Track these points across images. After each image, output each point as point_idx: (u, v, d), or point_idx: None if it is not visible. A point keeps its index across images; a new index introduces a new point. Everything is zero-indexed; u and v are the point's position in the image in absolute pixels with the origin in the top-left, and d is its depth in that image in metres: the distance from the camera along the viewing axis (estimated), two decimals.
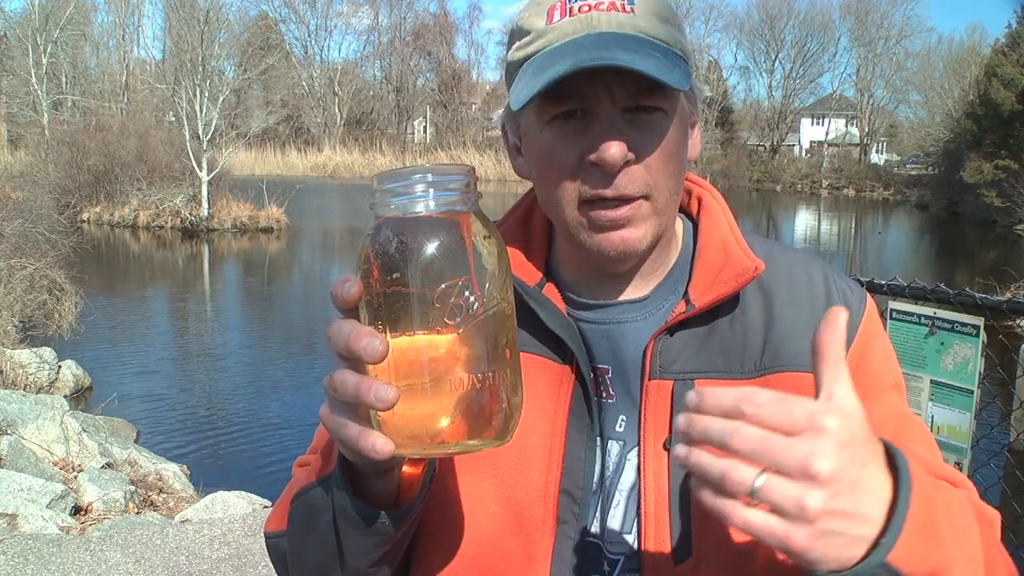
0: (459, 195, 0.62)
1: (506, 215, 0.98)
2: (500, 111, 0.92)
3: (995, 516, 0.83)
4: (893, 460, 0.63)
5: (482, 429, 0.61)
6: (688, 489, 0.82)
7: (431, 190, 0.61)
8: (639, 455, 0.85)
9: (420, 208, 0.60)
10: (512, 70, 0.85)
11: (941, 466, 0.86)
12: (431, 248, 0.59)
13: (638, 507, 0.84)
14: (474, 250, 0.61)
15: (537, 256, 0.93)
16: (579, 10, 0.81)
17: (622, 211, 0.81)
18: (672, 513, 0.82)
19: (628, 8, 0.81)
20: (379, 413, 0.61)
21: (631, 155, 0.79)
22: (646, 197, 0.81)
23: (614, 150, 0.77)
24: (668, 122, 0.81)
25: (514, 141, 0.91)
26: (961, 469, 2.47)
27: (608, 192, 0.80)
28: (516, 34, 0.86)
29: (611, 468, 0.86)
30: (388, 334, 0.60)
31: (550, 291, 0.90)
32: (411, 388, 0.59)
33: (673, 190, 0.85)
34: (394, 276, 0.59)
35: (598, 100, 0.79)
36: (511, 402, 0.63)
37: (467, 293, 0.59)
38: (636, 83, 0.77)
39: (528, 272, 0.91)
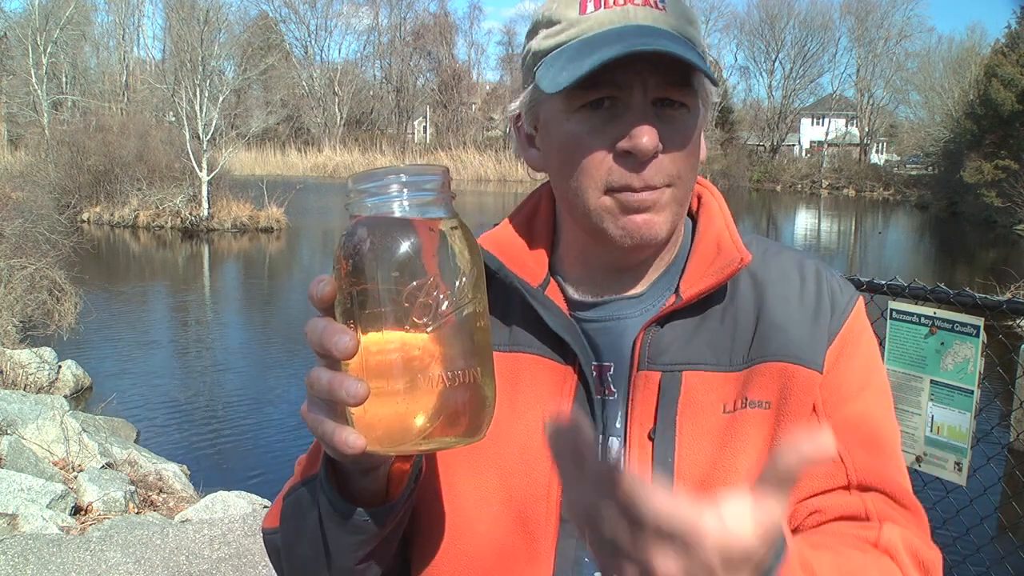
0: (433, 196, 0.63)
1: (510, 215, 0.98)
2: (515, 103, 0.91)
3: (933, 560, 0.81)
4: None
5: (453, 426, 0.63)
6: (669, 478, 0.83)
7: (405, 191, 0.62)
8: (625, 445, 0.86)
9: (394, 208, 0.62)
10: (536, 59, 0.86)
11: (884, 474, 0.84)
12: (402, 248, 0.61)
13: None
14: (446, 250, 0.62)
15: (541, 256, 0.94)
16: (614, 2, 0.82)
17: (647, 195, 0.82)
18: None
19: (661, 6, 0.83)
20: (352, 410, 0.63)
21: (660, 146, 0.80)
22: (669, 186, 0.83)
23: (646, 139, 0.79)
24: (691, 119, 0.83)
25: (528, 132, 0.91)
26: (961, 469, 2.47)
27: (636, 182, 0.81)
28: (543, 23, 0.86)
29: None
30: (360, 332, 0.61)
31: (553, 291, 0.91)
32: (382, 385, 0.61)
33: (691, 185, 0.87)
34: (366, 275, 0.61)
35: (630, 90, 0.80)
36: (483, 399, 0.64)
37: (436, 292, 0.61)
38: (668, 76, 0.79)
39: (531, 272, 0.91)
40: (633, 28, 0.80)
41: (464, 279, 0.63)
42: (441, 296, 0.61)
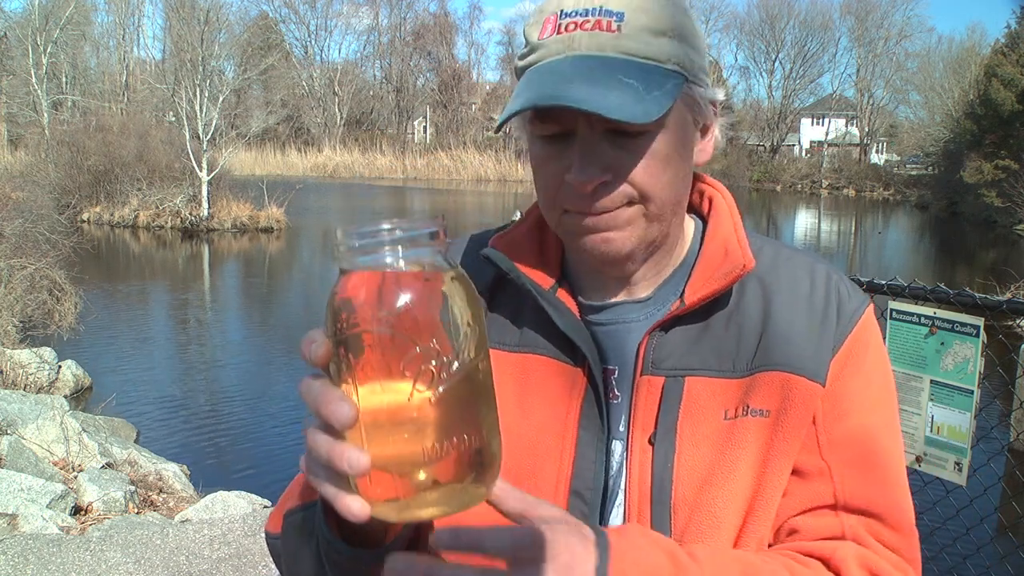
0: (429, 251, 0.59)
1: (522, 218, 0.99)
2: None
3: None
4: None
5: (459, 490, 0.60)
6: (669, 482, 0.84)
7: (399, 247, 0.58)
8: (627, 449, 0.86)
9: (388, 265, 0.58)
10: (517, 76, 0.88)
11: (872, 495, 0.83)
12: (400, 310, 0.57)
13: (624, 501, 0.85)
14: (446, 308, 0.58)
15: (552, 259, 0.94)
16: (566, 28, 0.81)
17: (600, 217, 0.83)
18: (654, 506, 0.84)
19: (615, 27, 0.80)
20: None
21: (607, 176, 0.81)
22: (629, 203, 0.83)
23: (583, 178, 0.80)
24: (652, 140, 0.81)
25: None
26: (961, 469, 2.47)
27: (587, 207, 0.83)
28: (524, 39, 0.87)
29: (614, 468, 0.87)
30: (357, 395, 0.58)
31: (563, 294, 0.91)
32: (383, 452, 0.58)
33: (668, 200, 0.85)
34: (363, 338, 0.57)
35: (575, 124, 0.81)
36: (490, 457, 0.61)
37: (439, 356, 0.57)
38: None
39: (542, 275, 0.92)
40: (567, 65, 0.79)
41: (467, 339, 0.59)
42: (445, 360, 0.57)
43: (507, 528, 0.59)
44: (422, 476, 0.58)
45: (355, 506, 0.59)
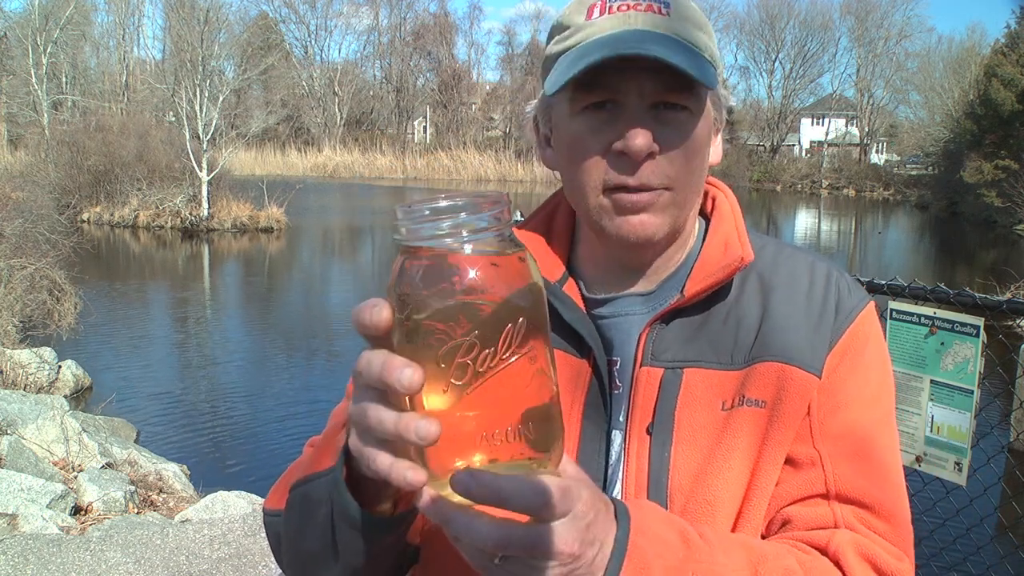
0: (495, 233, 0.58)
1: (532, 214, 1.02)
2: (530, 105, 0.96)
3: (896, 569, 0.82)
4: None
5: (517, 470, 0.59)
6: (665, 472, 0.85)
7: (463, 228, 0.57)
8: (625, 439, 0.88)
9: (451, 245, 0.57)
10: (549, 63, 0.89)
11: (864, 486, 0.84)
12: (463, 291, 0.56)
13: (622, 491, 0.87)
14: (510, 290, 0.57)
15: (559, 253, 0.97)
16: (618, 8, 0.85)
17: (643, 196, 0.85)
18: (650, 495, 0.85)
19: (664, 11, 0.85)
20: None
21: (655, 147, 0.83)
22: (667, 188, 0.85)
23: (640, 140, 0.81)
24: (693, 121, 0.85)
25: (545, 132, 0.95)
26: (961, 469, 2.47)
27: (631, 181, 0.84)
28: (556, 29, 0.90)
29: (613, 457, 0.89)
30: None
31: (570, 287, 0.94)
32: (442, 431, 0.57)
33: (693, 187, 0.88)
34: (424, 319, 0.56)
35: (627, 93, 0.83)
36: (548, 439, 0.60)
37: (502, 339, 0.56)
38: (664, 81, 0.82)
39: (549, 269, 0.94)
40: (629, 33, 0.83)
41: (527, 319, 0.57)
42: (506, 342, 0.56)
43: (528, 480, 0.58)
44: (478, 458, 0.58)
45: (410, 473, 0.58)
